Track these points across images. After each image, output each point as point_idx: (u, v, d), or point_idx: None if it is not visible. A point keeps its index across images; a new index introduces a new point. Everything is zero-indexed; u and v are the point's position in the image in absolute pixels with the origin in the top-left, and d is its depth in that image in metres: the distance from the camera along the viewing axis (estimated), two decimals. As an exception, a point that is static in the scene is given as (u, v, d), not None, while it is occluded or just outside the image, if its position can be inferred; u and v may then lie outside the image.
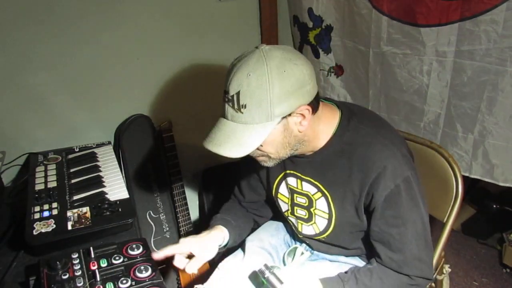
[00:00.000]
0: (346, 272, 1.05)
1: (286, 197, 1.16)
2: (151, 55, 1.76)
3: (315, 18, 1.80)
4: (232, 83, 0.87)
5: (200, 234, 1.12)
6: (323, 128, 1.00)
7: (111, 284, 0.92)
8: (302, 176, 1.09)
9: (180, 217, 1.85)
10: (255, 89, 0.85)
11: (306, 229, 1.16)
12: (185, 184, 1.88)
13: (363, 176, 0.97)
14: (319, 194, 1.07)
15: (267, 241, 1.26)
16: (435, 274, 1.27)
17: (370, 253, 1.11)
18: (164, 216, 1.83)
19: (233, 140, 0.89)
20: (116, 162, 1.53)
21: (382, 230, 0.99)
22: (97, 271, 0.94)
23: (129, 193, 1.31)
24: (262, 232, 1.30)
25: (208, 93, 1.92)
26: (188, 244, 1.06)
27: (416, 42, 1.44)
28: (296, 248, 1.24)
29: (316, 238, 1.16)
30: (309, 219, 1.13)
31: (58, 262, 0.95)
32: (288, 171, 1.12)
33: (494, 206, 2.07)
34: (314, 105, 0.93)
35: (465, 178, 1.22)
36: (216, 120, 0.95)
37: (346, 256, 1.19)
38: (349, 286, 0.99)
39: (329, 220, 1.08)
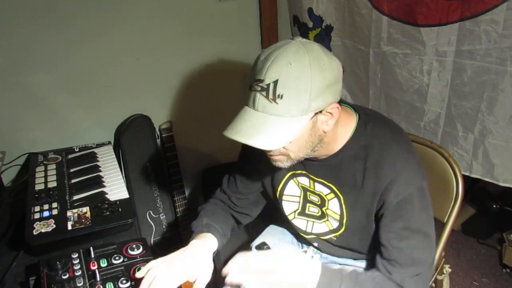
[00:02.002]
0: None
1: (296, 196, 1.13)
2: (151, 55, 1.76)
3: (315, 18, 1.80)
4: (270, 71, 0.82)
5: (187, 254, 0.96)
6: (341, 131, 0.97)
7: (111, 284, 0.92)
8: (315, 178, 1.06)
9: (180, 217, 1.85)
10: (296, 79, 0.81)
11: (318, 227, 1.12)
12: (185, 184, 1.88)
13: (376, 181, 0.94)
14: (332, 195, 1.05)
15: (273, 245, 1.22)
16: (436, 274, 1.27)
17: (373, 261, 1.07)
18: (164, 216, 1.83)
19: (264, 132, 0.84)
20: (116, 162, 1.53)
21: (392, 245, 0.95)
22: (97, 271, 0.94)
23: (129, 193, 1.31)
24: (268, 236, 1.27)
25: (208, 93, 1.92)
26: (180, 275, 0.91)
27: (416, 42, 1.43)
28: (305, 251, 1.22)
29: (327, 237, 1.13)
30: (321, 216, 1.10)
31: (58, 262, 0.95)
32: (297, 171, 1.09)
33: (494, 206, 2.07)
34: (340, 105, 0.90)
35: (465, 178, 1.22)
36: (238, 110, 0.88)
37: (354, 259, 1.17)
38: (345, 286, 0.95)
39: (340, 221, 1.06)
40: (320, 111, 0.86)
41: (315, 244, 1.20)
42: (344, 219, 1.05)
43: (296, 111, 0.83)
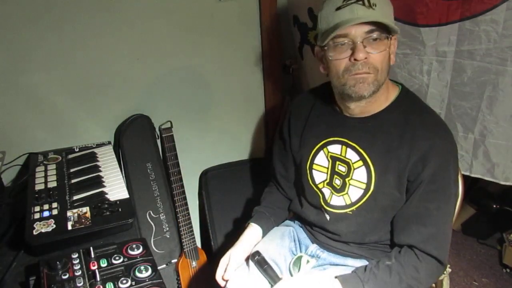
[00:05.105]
0: (365, 270, 1.04)
1: (325, 167, 1.17)
2: (151, 55, 1.75)
3: (315, 18, 1.80)
4: None
5: (243, 244, 1.23)
6: (387, 93, 1.07)
7: (111, 284, 0.92)
8: (348, 142, 1.11)
9: (180, 217, 1.85)
10: None
11: (335, 200, 1.16)
12: (185, 184, 1.88)
13: (414, 145, 1.00)
14: (360, 162, 1.08)
15: (272, 251, 1.24)
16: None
17: (390, 244, 1.14)
18: (164, 216, 1.83)
19: (376, 17, 0.94)
20: (116, 162, 1.53)
21: (417, 205, 1.02)
22: (97, 271, 0.94)
23: (129, 193, 1.31)
24: (267, 242, 1.28)
25: (208, 93, 1.92)
26: (241, 259, 1.20)
27: (416, 42, 1.44)
28: (301, 257, 1.23)
29: (342, 211, 1.15)
30: (341, 189, 1.14)
31: (58, 262, 0.95)
32: (331, 139, 1.14)
33: (494, 206, 2.07)
34: None
35: (465, 178, 1.22)
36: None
37: (354, 258, 1.18)
38: (368, 286, 0.99)
39: (365, 190, 1.09)
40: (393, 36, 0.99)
41: (327, 216, 1.20)
42: (370, 188, 1.08)
43: (390, 18, 0.98)
